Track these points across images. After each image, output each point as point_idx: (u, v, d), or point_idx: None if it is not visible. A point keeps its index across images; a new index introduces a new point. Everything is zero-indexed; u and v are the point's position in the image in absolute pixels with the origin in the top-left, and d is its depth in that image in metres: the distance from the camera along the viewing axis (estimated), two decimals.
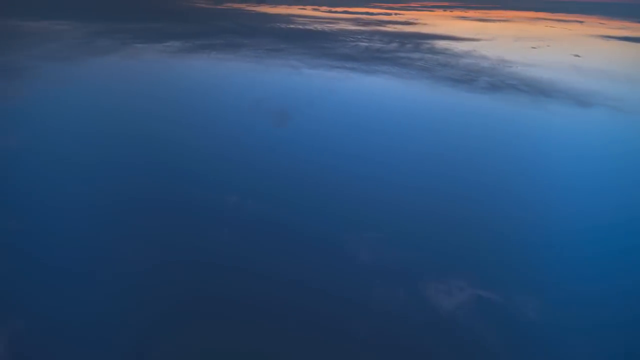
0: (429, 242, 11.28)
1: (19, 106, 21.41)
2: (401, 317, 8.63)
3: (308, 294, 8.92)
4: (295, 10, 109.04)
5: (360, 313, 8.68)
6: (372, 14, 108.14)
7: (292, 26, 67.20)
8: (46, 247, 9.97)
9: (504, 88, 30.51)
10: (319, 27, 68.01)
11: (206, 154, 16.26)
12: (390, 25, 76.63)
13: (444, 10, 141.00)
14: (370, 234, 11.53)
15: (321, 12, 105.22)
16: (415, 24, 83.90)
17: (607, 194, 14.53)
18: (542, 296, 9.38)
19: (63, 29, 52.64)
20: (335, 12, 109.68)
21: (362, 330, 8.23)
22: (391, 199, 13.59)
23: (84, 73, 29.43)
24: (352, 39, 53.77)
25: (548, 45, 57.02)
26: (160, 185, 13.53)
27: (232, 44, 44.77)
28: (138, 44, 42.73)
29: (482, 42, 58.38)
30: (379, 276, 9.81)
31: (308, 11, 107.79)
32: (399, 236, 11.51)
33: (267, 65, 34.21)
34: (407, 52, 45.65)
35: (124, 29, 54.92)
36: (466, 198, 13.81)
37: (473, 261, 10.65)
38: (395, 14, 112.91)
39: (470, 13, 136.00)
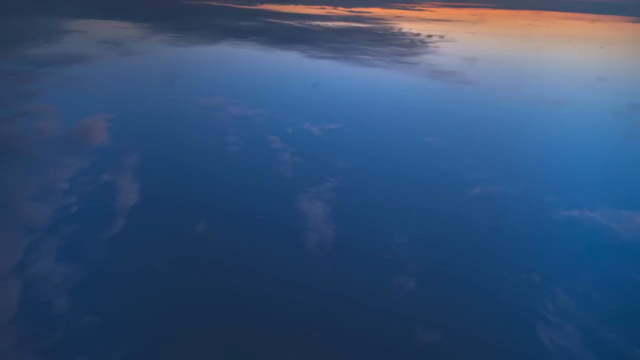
0: None
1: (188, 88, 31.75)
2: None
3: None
4: (317, 10, 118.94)
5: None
6: (384, 14, 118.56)
7: (332, 23, 77.64)
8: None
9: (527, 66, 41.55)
10: (354, 24, 78.54)
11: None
12: (412, 22, 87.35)
13: (454, 9, 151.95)
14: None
15: (343, 12, 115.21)
16: (433, 20, 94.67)
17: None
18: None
19: (146, 26, 62.38)
20: (356, 11, 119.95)
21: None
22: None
23: (222, 57, 39.71)
24: (391, 34, 64.39)
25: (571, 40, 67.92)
26: None
27: (302, 39, 55.16)
28: (229, 39, 52.94)
29: (494, 34, 69.42)
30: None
31: (329, 10, 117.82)
32: None
33: (354, 55, 44.84)
34: (443, 42, 56.44)
35: (193, 26, 64.69)
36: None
37: None
38: (405, 12, 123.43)
39: (479, 11, 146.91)
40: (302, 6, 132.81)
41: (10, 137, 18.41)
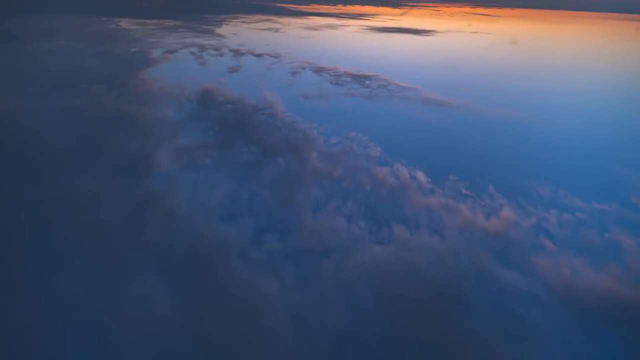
0: None
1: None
2: None
3: None
4: (352, 8, 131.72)
5: None
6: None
7: (390, 21, 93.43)
8: None
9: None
10: (409, 18, 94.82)
11: None
12: (441, 19, 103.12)
13: (473, 7, 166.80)
14: None
15: (387, 9, 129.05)
16: (448, 15, 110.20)
17: None
18: None
19: (242, 22, 75.65)
20: (395, 13, 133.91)
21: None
22: None
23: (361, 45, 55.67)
24: (437, 30, 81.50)
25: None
26: None
27: (395, 28, 71.83)
28: (343, 25, 68.14)
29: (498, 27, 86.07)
30: None
31: (355, 8, 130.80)
32: None
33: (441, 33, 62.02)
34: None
35: (275, 23, 76.06)
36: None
37: None
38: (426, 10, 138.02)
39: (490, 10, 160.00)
40: (349, 6, 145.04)
41: None
